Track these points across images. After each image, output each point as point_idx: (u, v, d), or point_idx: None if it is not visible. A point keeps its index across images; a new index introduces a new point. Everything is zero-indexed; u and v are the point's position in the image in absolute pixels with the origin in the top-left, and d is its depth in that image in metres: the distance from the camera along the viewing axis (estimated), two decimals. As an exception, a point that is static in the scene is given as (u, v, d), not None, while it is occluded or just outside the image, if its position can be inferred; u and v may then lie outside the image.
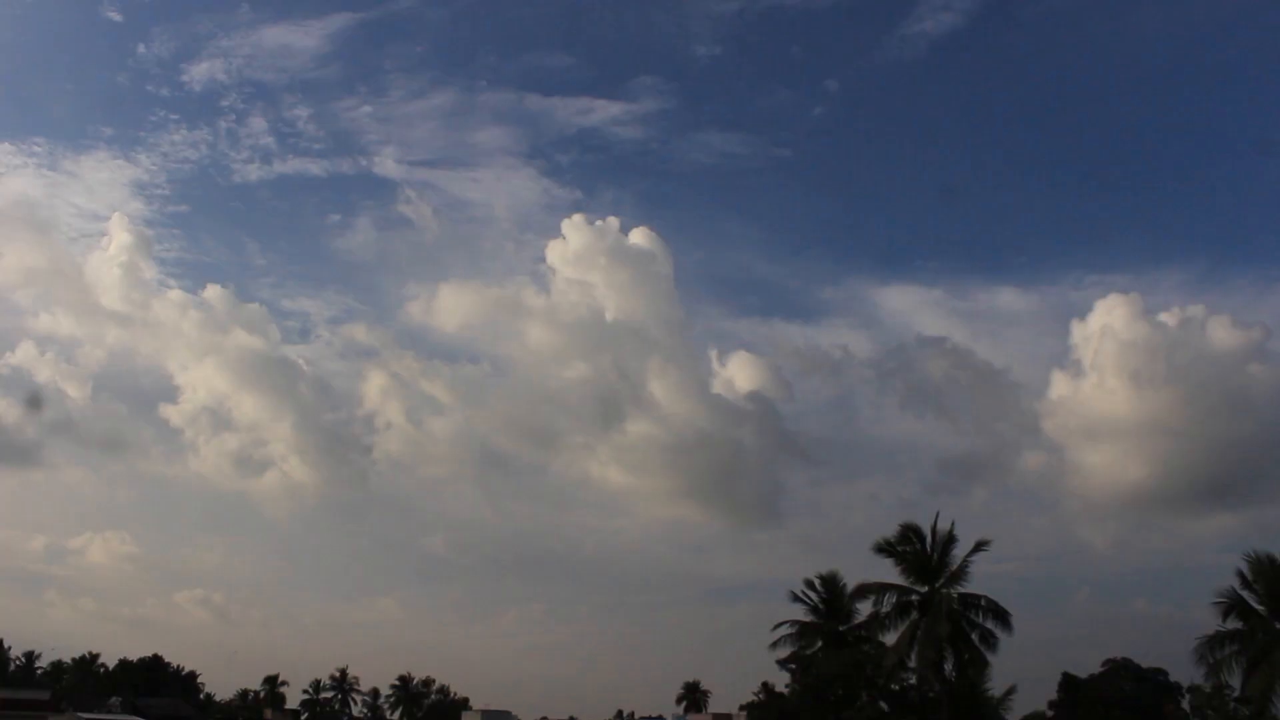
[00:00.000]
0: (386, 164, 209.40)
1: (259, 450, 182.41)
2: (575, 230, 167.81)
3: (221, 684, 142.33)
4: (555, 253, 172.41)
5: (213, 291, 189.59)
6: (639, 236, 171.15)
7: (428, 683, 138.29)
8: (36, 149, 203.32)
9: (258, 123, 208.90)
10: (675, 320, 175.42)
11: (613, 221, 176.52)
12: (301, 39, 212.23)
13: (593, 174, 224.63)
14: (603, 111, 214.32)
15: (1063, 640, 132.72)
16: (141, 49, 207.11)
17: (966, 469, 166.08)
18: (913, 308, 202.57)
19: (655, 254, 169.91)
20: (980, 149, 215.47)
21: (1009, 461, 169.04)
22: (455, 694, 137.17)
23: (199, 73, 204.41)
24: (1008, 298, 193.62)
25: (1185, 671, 69.87)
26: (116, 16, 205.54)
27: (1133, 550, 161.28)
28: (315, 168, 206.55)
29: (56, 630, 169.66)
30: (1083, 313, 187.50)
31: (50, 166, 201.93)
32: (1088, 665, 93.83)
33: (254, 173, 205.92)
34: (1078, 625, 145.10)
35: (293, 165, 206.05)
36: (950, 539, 47.60)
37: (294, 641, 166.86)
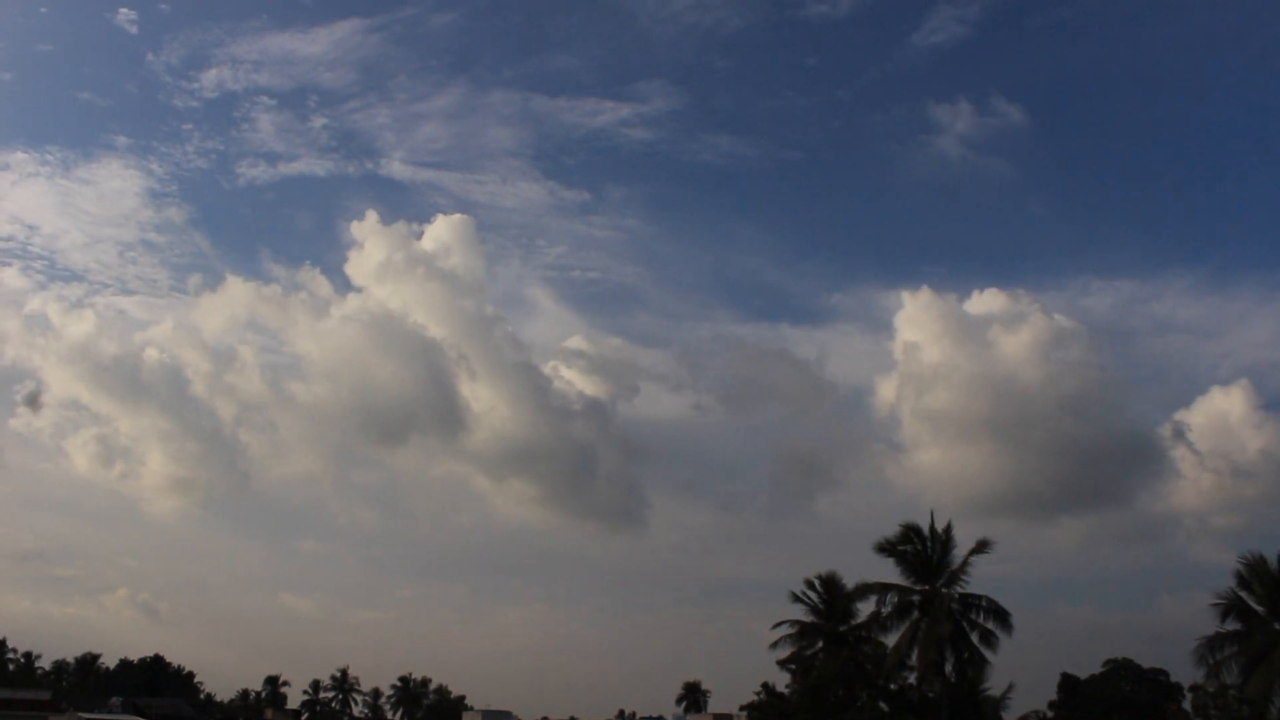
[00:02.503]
0: (393, 166, 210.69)
1: (130, 450, 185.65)
2: (370, 231, 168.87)
3: (222, 684, 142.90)
4: (354, 261, 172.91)
5: (74, 289, 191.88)
6: (449, 232, 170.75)
7: (425, 682, 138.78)
8: (50, 157, 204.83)
9: (266, 128, 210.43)
10: (485, 317, 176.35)
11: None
12: (308, 46, 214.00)
13: (601, 175, 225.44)
14: (611, 113, 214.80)
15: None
16: (151, 57, 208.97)
17: (810, 470, 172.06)
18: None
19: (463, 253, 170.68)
20: (988, 156, 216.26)
21: (851, 464, 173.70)
22: (454, 693, 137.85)
23: (209, 80, 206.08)
24: (1015, 300, 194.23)
25: (1186, 672, 69.98)
26: (128, 26, 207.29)
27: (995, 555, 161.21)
28: (322, 171, 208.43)
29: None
30: (1093, 317, 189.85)
31: (64, 174, 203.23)
32: (1088, 665, 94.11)
33: (262, 177, 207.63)
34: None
35: (300, 169, 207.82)
36: (950, 539, 47.73)
37: (232, 640, 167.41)
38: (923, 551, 47.50)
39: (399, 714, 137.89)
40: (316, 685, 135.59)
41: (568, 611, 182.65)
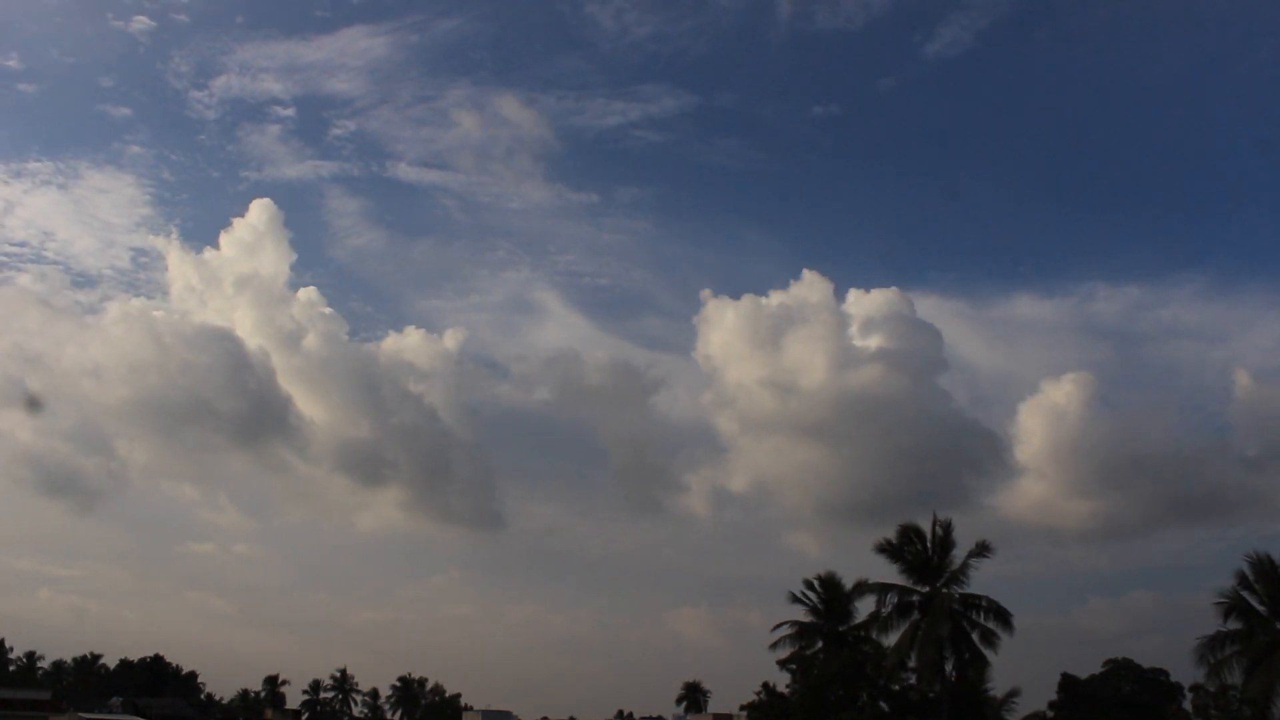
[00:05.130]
0: (399, 168, 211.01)
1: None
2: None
3: (223, 684, 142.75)
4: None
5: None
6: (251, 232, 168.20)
7: (423, 682, 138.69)
8: (63, 166, 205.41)
9: (275, 134, 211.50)
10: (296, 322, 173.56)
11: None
12: (315, 52, 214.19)
13: (608, 177, 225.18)
14: (620, 115, 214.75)
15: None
16: (159, 66, 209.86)
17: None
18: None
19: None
20: (993, 162, 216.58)
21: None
22: (450, 693, 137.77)
23: (218, 87, 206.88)
24: (1023, 306, 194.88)
25: (1186, 672, 69.79)
26: (140, 37, 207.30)
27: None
28: (326, 173, 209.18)
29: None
30: (1097, 321, 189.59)
31: (77, 182, 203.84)
32: (1088, 665, 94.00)
33: (267, 181, 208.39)
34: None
35: (306, 172, 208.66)
36: (950, 540, 47.64)
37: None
38: (923, 552, 47.45)
39: (398, 714, 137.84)
40: (317, 685, 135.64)
41: (568, 612, 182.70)
